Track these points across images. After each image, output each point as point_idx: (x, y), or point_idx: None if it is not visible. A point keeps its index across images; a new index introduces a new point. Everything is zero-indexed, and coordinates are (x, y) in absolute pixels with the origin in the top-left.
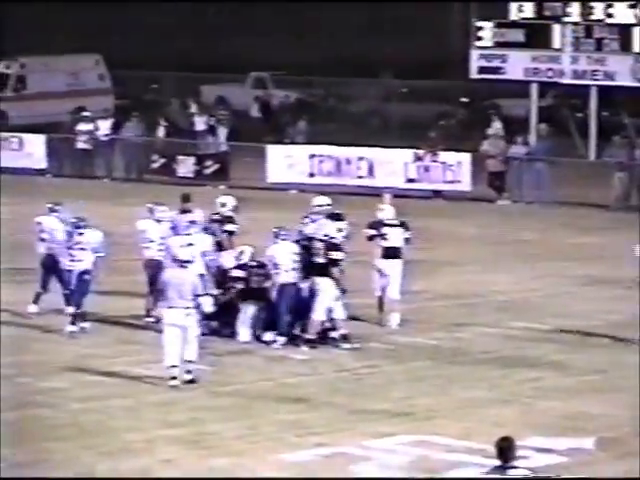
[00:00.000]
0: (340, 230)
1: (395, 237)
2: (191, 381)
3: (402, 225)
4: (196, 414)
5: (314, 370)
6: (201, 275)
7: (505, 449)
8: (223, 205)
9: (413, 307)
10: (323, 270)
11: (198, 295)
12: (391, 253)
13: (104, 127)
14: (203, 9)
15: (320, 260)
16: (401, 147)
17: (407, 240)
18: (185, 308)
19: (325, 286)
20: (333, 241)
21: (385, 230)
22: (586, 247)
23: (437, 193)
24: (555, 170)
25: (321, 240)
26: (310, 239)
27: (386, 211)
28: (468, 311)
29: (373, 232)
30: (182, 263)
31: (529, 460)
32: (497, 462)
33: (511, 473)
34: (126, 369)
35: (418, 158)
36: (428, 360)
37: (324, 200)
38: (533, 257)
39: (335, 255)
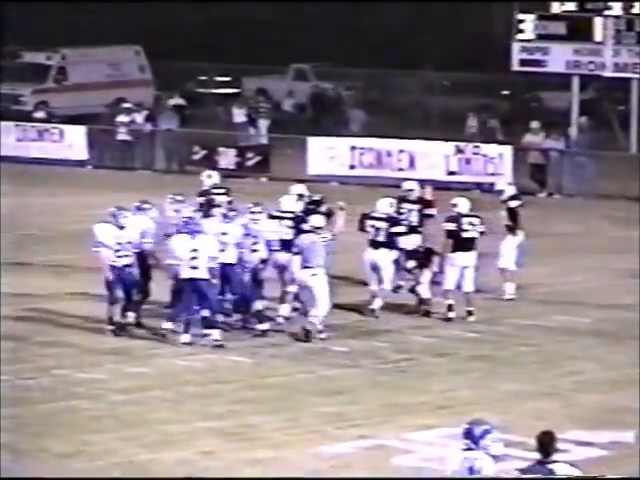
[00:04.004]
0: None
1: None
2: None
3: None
4: (236, 406)
5: (354, 362)
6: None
7: (546, 444)
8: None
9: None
10: (471, 245)
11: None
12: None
13: (139, 119)
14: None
15: (473, 235)
16: (442, 139)
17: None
18: (311, 268)
19: (472, 260)
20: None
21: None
22: (627, 240)
23: (479, 186)
24: (596, 163)
25: (478, 216)
26: (465, 216)
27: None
28: (509, 304)
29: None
30: (315, 228)
31: (569, 453)
32: (537, 455)
33: (551, 467)
34: (166, 361)
35: (459, 150)
36: (469, 353)
37: (414, 185)
38: (574, 250)
39: (482, 229)
